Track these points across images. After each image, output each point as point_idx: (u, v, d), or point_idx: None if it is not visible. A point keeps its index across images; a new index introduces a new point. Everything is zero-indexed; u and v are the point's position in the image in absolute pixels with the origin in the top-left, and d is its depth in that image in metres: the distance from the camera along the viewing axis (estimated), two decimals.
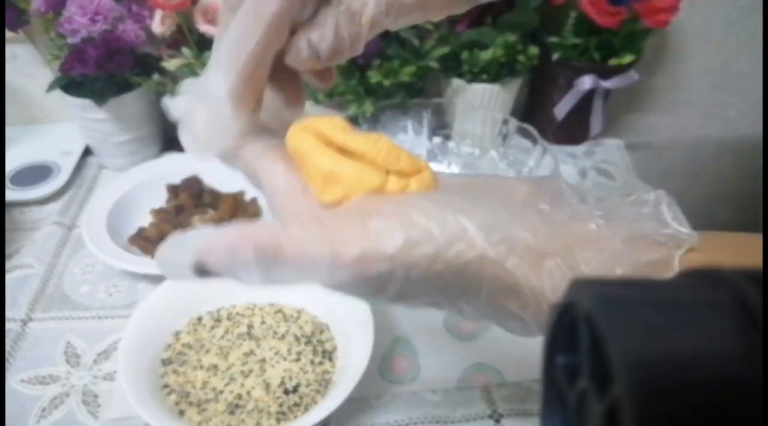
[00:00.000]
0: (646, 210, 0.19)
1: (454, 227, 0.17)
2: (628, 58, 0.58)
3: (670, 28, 0.66)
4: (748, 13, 0.68)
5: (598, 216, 0.19)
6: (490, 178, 0.22)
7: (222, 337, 0.43)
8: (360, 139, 0.20)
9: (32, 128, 0.70)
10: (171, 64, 0.55)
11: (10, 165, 0.63)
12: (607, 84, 0.60)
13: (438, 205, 0.18)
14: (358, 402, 0.40)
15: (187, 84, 0.22)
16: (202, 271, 0.19)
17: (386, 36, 0.56)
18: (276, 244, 0.18)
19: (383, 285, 0.17)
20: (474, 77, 0.60)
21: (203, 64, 0.55)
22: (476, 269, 0.17)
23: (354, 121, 0.57)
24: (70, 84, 0.57)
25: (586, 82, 0.60)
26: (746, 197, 0.85)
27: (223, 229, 0.19)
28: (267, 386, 0.39)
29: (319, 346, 0.42)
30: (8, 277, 0.50)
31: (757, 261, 0.17)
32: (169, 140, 0.68)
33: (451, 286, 0.18)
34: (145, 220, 0.55)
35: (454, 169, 0.57)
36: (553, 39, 0.59)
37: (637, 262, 0.17)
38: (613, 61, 0.59)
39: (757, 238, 0.19)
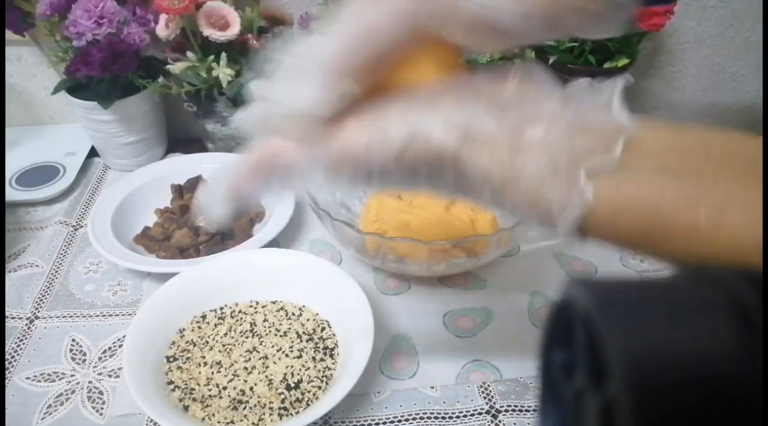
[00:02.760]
0: (601, 96, 0.20)
1: (413, 127, 0.20)
2: (623, 61, 0.59)
3: (665, 32, 0.67)
4: (742, 16, 0.69)
5: (556, 98, 0.20)
6: (473, 79, 0.23)
7: (225, 334, 0.44)
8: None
9: (38, 129, 0.71)
10: (175, 67, 0.56)
11: (17, 165, 0.64)
12: None
13: (409, 107, 0.21)
14: (359, 397, 0.41)
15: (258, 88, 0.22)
16: (236, 200, 0.23)
17: None
18: (284, 160, 0.22)
19: (364, 174, 0.21)
20: None
21: (207, 67, 0.56)
22: (437, 161, 0.20)
23: None
24: (76, 86, 0.58)
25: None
26: None
27: (237, 165, 0.22)
28: (269, 382, 0.40)
29: (320, 342, 0.43)
30: (14, 275, 0.51)
31: (705, 158, 0.18)
32: (173, 142, 0.68)
33: (420, 174, 0.21)
34: (150, 219, 0.56)
35: None
36: (550, 42, 0.60)
37: (576, 148, 0.19)
38: (608, 64, 0.60)
39: (709, 136, 0.19)
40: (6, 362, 0.43)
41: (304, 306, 0.46)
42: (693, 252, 0.18)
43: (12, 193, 0.60)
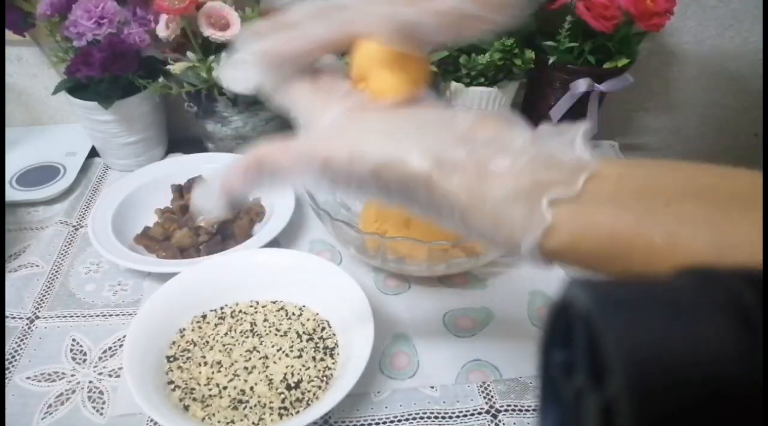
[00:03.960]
0: (566, 137, 0.22)
1: (389, 149, 0.22)
2: (622, 62, 0.59)
3: (665, 32, 0.67)
4: (742, 16, 0.69)
5: (526, 136, 0.22)
6: (447, 111, 0.25)
7: (226, 334, 0.44)
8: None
9: (38, 129, 0.71)
10: (176, 67, 0.56)
11: (17, 166, 0.64)
12: (602, 87, 0.61)
13: (390, 131, 0.23)
14: (359, 397, 0.41)
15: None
16: (233, 203, 0.25)
17: None
18: (273, 161, 0.23)
19: (344, 183, 0.23)
20: (472, 80, 0.61)
21: (207, 67, 0.56)
22: (410, 183, 0.22)
23: None
24: (76, 86, 0.58)
25: (582, 85, 0.61)
26: None
27: (231, 164, 0.24)
28: (270, 382, 0.40)
29: (320, 342, 0.43)
30: (15, 275, 0.51)
31: (658, 187, 0.20)
32: (174, 142, 0.68)
33: (393, 193, 0.23)
34: (151, 219, 0.56)
35: None
36: (549, 43, 0.60)
37: (540, 178, 0.20)
38: (608, 65, 0.60)
39: (664, 167, 0.21)
40: (6, 362, 0.44)
41: (304, 306, 0.46)
42: (655, 272, 0.19)
43: (12, 193, 0.60)
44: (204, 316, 0.45)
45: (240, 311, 0.46)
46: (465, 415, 0.40)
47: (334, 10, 0.25)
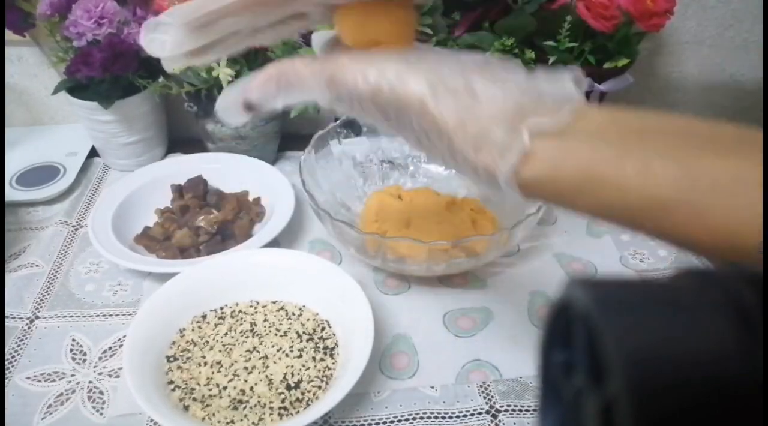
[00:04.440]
0: (559, 76, 0.23)
1: (392, 72, 0.23)
2: (622, 62, 0.59)
3: (664, 32, 0.67)
4: (742, 16, 0.69)
5: (520, 73, 0.23)
6: (453, 53, 0.26)
7: (225, 334, 0.44)
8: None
9: (38, 129, 0.71)
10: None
11: (17, 165, 0.64)
12: (602, 87, 0.61)
13: (391, 60, 0.24)
14: (359, 397, 0.41)
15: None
16: (248, 106, 0.26)
17: None
18: (291, 73, 0.25)
19: (348, 101, 0.25)
20: None
21: (207, 67, 0.56)
22: (404, 105, 0.23)
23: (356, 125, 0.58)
24: (76, 86, 0.58)
25: None
26: None
27: (255, 74, 0.26)
28: (270, 382, 0.40)
29: (320, 342, 0.43)
30: (15, 275, 0.51)
31: (637, 126, 0.21)
32: (174, 142, 0.68)
33: (391, 116, 0.24)
34: (151, 219, 0.56)
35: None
36: (549, 43, 0.60)
37: (523, 104, 0.21)
38: (608, 65, 0.60)
39: (652, 114, 0.21)
40: (6, 362, 0.44)
41: (304, 306, 0.46)
42: (624, 203, 0.20)
43: (12, 193, 0.60)
44: (204, 316, 0.45)
45: (240, 311, 0.46)
46: (465, 416, 0.40)
47: None
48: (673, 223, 0.19)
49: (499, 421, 0.40)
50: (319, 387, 0.40)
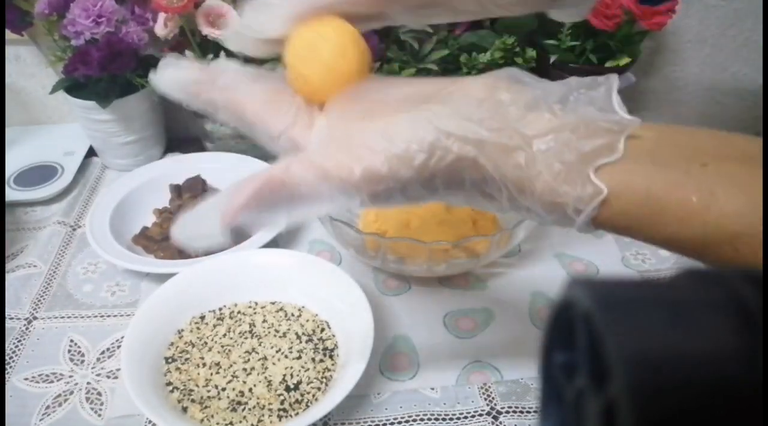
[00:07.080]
0: (598, 94, 0.21)
1: (431, 139, 0.20)
2: (624, 60, 0.59)
3: (666, 30, 0.67)
4: (744, 15, 0.69)
5: (553, 102, 0.21)
6: (449, 83, 0.23)
7: (224, 335, 0.43)
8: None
9: (36, 129, 0.71)
10: None
11: (15, 165, 0.64)
12: None
13: (411, 118, 0.21)
14: (359, 399, 0.41)
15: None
16: (238, 233, 0.21)
17: (386, 39, 0.57)
18: (288, 182, 0.21)
19: (384, 191, 0.21)
20: None
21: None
22: (455, 169, 0.21)
23: None
24: (74, 86, 0.58)
25: None
26: None
27: (231, 189, 0.21)
28: (269, 383, 0.40)
29: (320, 343, 0.43)
30: (12, 276, 0.51)
31: (694, 148, 0.20)
32: (172, 141, 0.68)
33: (439, 185, 0.21)
34: (149, 219, 0.56)
35: None
36: (551, 42, 0.60)
37: (584, 150, 0.20)
38: (609, 63, 0.60)
39: (702, 133, 0.21)
40: (4, 363, 0.43)
41: (303, 306, 0.45)
42: (687, 233, 0.19)
43: (10, 193, 0.59)
44: (202, 317, 0.45)
45: (239, 312, 0.45)
46: (466, 417, 0.40)
47: None
48: (738, 254, 0.19)
49: (500, 422, 0.40)
50: (319, 388, 0.39)
